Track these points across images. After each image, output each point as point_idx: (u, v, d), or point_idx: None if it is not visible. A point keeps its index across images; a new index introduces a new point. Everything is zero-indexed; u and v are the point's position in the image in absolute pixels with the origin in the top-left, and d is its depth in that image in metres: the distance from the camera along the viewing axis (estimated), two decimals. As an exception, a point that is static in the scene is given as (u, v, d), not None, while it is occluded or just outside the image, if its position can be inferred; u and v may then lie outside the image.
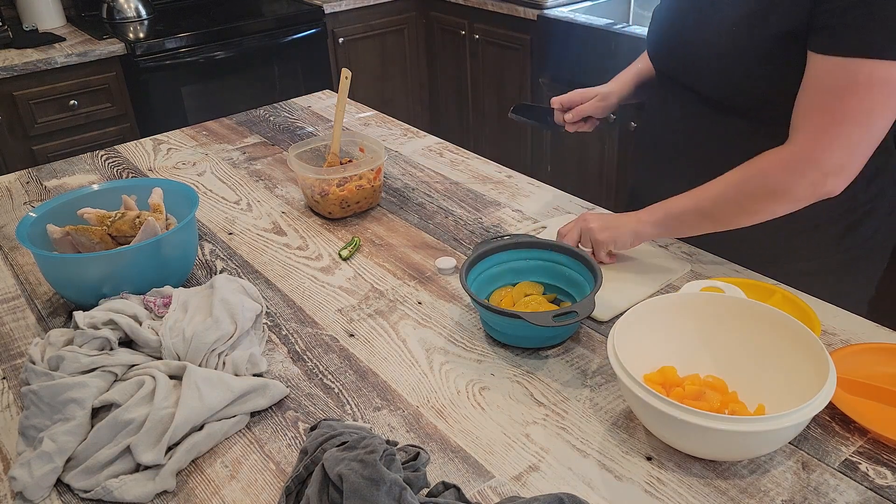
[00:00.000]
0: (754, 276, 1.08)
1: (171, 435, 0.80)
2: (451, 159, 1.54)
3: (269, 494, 0.78)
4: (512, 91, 2.95)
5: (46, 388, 0.83)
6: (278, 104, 1.92)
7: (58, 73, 2.45)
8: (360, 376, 0.94)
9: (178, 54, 2.62)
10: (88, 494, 0.78)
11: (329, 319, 1.06)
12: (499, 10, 2.80)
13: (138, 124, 2.67)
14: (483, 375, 0.93)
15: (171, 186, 1.18)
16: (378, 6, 3.12)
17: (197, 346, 0.89)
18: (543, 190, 1.39)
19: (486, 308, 0.94)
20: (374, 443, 0.74)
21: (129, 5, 2.84)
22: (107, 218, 1.10)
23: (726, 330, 0.87)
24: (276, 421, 0.88)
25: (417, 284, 1.13)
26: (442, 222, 1.30)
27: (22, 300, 1.14)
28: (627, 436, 0.83)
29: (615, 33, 2.38)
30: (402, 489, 0.69)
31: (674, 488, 0.76)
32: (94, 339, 0.89)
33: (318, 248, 1.24)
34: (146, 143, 1.71)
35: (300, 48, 2.90)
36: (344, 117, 1.46)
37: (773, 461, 0.78)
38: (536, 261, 1.06)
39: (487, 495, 0.76)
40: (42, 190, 1.50)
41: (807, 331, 0.81)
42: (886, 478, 0.75)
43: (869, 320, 0.98)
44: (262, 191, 1.46)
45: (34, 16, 2.70)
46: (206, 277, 1.17)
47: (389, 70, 3.29)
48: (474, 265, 1.03)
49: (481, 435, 0.84)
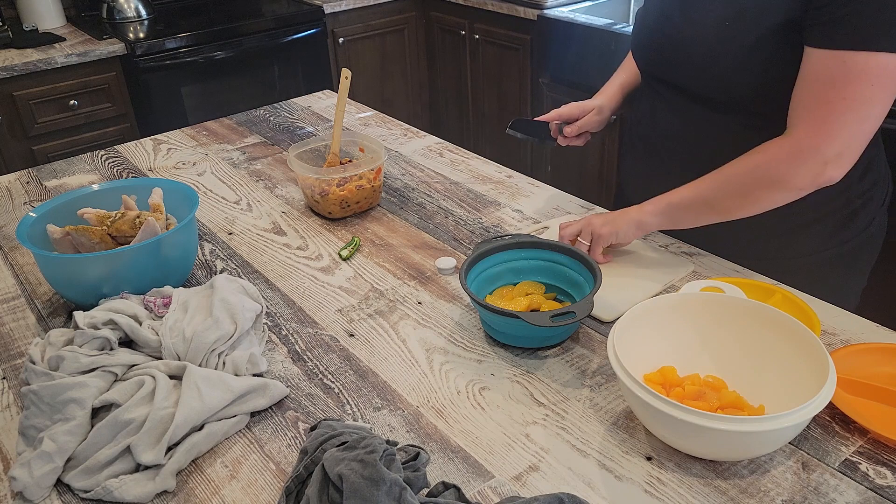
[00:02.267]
0: (754, 277, 1.08)
1: (171, 435, 0.79)
2: (451, 159, 1.54)
3: (269, 494, 0.78)
4: (512, 91, 2.95)
5: (46, 388, 0.83)
6: (278, 104, 1.92)
7: (58, 73, 2.45)
8: (360, 376, 0.95)
9: (178, 54, 2.62)
10: (88, 494, 0.78)
11: (329, 319, 1.06)
12: (499, 10, 2.80)
13: (138, 124, 2.67)
14: (483, 375, 0.93)
15: (171, 186, 1.18)
16: (378, 6, 3.12)
17: (197, 346, 0.89)
18: (543, 190, 1.39)
19: (485, 308, 0.94)
20: (374, 443, 0.74)
21: (129, 5, 2.84)
22: (107, 218, 1.10)
23: (726, 330, 0.87)
24: (276, 421, 0.88)
25: (417, 284, 1.13)
26: (442, 222, 1.30)
27: (22, 300, 1.14)
28: (627, 436, 0.83)
29: (615, 33, 2.38)
30: (402, 489, 0.69)
31: (674, 488, 0.76)
32: (94, 339, 0.89)
33: (318, 248, 1.24)
34: (146, 143, 1.71)
35: (300, 48, 2.90)
36: (344, 117, 1.46)
37: (773, 461, 0.78)
38: (536, 261, 1.06)
39: (487, 495, 0.76)
40: (42, 190, 1.50)
41: (807, 331, 0.81)
42: (886, 478, 0.75)
43: (868, 319, 0.98)
44: (262, 191, 1.46)
45: (34, 16, 2.70)
46: (206, 277, 1.17)
47: (389, 70, 3.29)
48: (474, 265, 1.03)
49: (481, 435, 0.84)
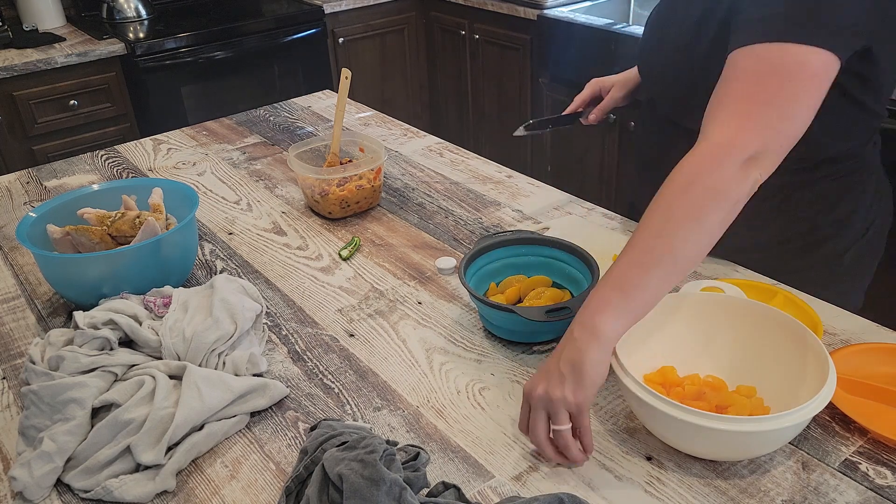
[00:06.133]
0: (755, 277, 1.08)
1: (171, 435, 0.79)
2: (451, 159, 1.54)
3: (269, 494, 0.78)
4: (512, 91, 2.95)
5: (46, 388, 0.83)
6: (278, 104, 1.92)
7: (58, 73, 2.45)
8: (360, 376, 0.95)
9: (178, 54, 2.62)
10: (88, 494, 0.78)
11: (329, 319, 1.06)
12: (499, 10, 2.80)
13: (138, 124, 2.67)
14: (483, 375, 0.93)
15: (171, 186, 1.18)
16: (378, 6, 3.12)
17: (197, 346, 0.89)
18: (543, 190, 1.39)
19: (481, 302, 0.95)
20: (374, 443, 0.74)
21: (129, 5, 2.84)
22: (107, 218, 1.10)
23: (726, 330, 0.87)
24: (276, 421, 0.88)
25: (417, 284, 1.13)
26: (442, 222, 1.30)
27: (22, 300, 1.14)
28: (627, 436, 0.83)
29: (615, 33, 2.38)
30: (402, 489, 0.69)
31: (674, 488, 0.76)
32: (94, 339, 0.89)
33: (318, 248, 1.24)
34: (146, 143, 1.71)
35: (300, 48, 2.90)
36: (344, 117, 1.46)
37: (773, 461, 0.78)
38: (536, 257, 1.06)
39: (487, 495, 0.76)
40: (42, 190, 1.50)
41: (806, 330, 0.81)
42: (886, 478, 0.75)
43: (868, 319, 0.98)
44: (262, 191, 1.46)
45: (34, 16, 2.70)
46: (206, 277, 1.17)
47: (389, 70, 3.29)
48: (474, 260, 1.03)
49: (481, 435, 0.84)
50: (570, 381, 0.76)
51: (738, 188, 0.80)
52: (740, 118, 0.82)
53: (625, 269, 0.79)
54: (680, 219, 0.79)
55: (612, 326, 0.76)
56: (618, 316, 0.77)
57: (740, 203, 0.81)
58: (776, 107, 0.82)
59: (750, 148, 0.80)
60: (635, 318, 0.79)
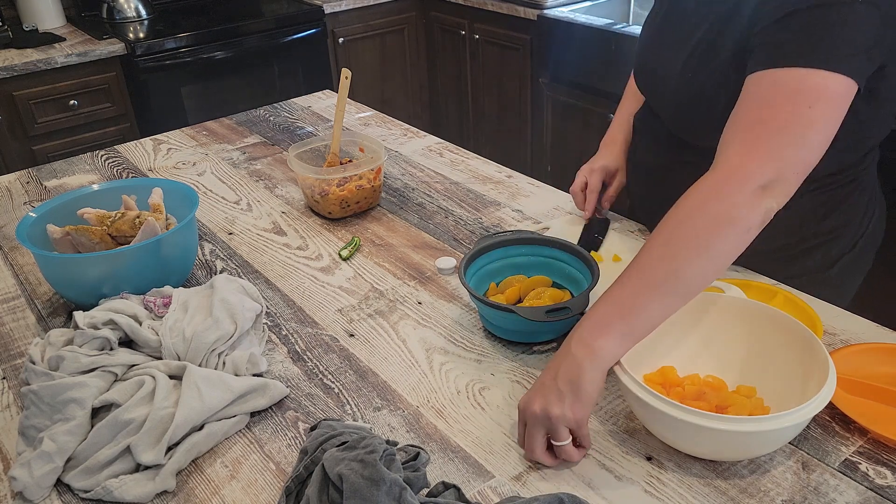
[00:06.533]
0: (755, 277, 1.08)
1: (171, 435, 0.79)
2: (451, 159, 1.54)
3: (269, 494, 0.78)
4: (512, 91, 2.95)
5: (46, 388, 0.83)
6: (278, 104, 1.92)
7: (58, 73, 2.45)
8: (360, 376, 0.95)
9: (177, 54, 2.62)
10: (88, 494, 0.78)
11: (329, 319, 1.06)
12: (499, 10, 2.80)
13: (138, 124, 2.67)
14: (483, 375, 0.93)
15: (171, 186, 1.18)
16: (378, 6, 3.12)
17: (197, 346, 0.89)
18: (543, 190, 1.39)
19: (481, 302, 0.95)
20: (374, 443, 0.74)
21: (129, 5, 2.84)
22: (107, 218, 1.10)
23: (726, 330, 0.87)
24: (276, 421, 0.88)
25: (417, 284, 1.13)
26: (442, 222, 1.30)
27: (22, 300, 1.14)
28: (627, 436, 0.83)
29: (615, 33, 2.38)
30: (402, 489, 0.69)
31: (674, 488, 0.76)
32: (94, 339, 0.89)
33: (318, 248, 1.24)
34: (146, 143, 1.71)
35: (300, 48, 2.90)
36: (344, 117, 1.46)
37: (773, 461, 0.78)
38: (536, 257, 1.06)
39: (487, 495, 0.76)
40: (42, 190, 1.50)
41: (806, 330, 0.81)
42: (886, 478, 0.75)
43: (868, 319, 0.98)
44: (262, 191, 1.46)
45: (34, 16, 2.70)
46: (206, 277, 1.17)
47: (389, 70, 3.29)
48: (474, 260, 1.03)
49: (481, 435, 0.84)
50: (568, 399, 0.76)
51: (748, 216, 0.78)
52: (754, 145, 0.80)
53: (628, 292, 0.79)
54: (686, 244, 0.79)
55: (612, 351, 0.77)
56: (618, 341, 0.78)
57: (752, 232, 0.79)
58: (791, 133, 0.80)
59: (763, 176, 0.79)
60: (635, 341, 0.79)
